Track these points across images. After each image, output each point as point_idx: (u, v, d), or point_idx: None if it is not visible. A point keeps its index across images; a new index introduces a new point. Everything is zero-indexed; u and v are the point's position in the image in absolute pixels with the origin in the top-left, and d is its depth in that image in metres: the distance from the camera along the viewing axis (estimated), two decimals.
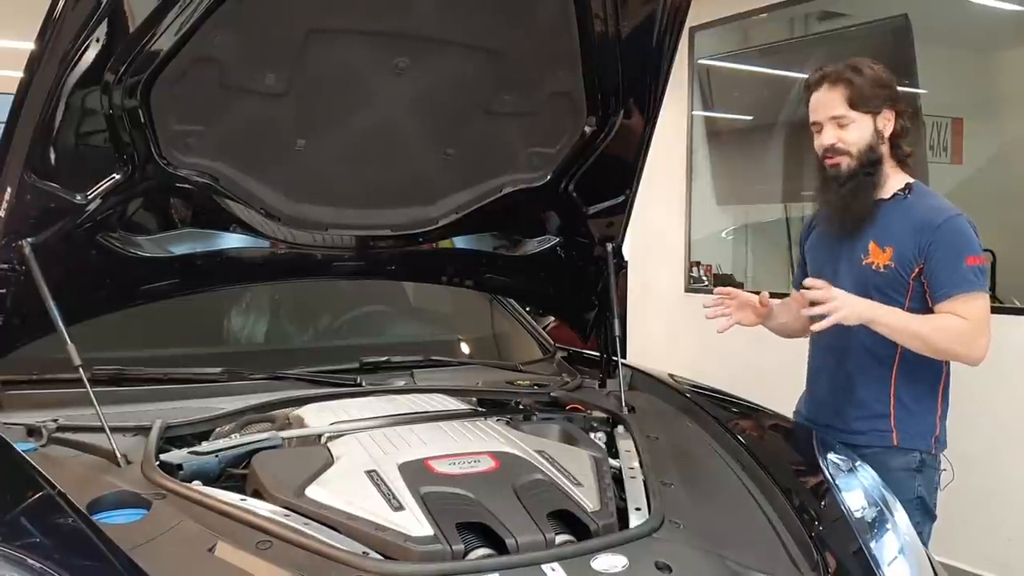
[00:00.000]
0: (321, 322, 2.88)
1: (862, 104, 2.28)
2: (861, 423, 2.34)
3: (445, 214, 2.33)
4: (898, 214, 2.30)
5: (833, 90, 2.29)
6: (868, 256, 2.30)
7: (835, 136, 2.30)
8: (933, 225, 2.23)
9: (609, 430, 2.15)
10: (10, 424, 1.87)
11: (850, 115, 2.28)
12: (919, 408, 2.33)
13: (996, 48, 4.97)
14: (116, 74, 1.77)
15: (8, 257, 1.87)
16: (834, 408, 2.39)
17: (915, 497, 2.28)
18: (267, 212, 2.15)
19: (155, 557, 1.42)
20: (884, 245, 2.28)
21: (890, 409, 2.32)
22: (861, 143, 2.29)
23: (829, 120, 2.30)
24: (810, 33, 5.22)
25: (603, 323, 2.56)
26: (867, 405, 2.34)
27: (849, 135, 2.29)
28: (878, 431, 2.32)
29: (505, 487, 1.66)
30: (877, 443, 2.31)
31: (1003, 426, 3.62)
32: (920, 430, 2.33)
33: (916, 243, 2.24)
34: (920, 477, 2.31)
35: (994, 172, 4.95)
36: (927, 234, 2.23)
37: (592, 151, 2.29)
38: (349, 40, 1.94)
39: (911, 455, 2.31)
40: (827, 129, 2.31)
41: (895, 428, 2.31)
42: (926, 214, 2.26)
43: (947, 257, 2.21)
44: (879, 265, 2.28)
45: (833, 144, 2.30)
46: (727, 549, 1.64)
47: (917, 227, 2.25)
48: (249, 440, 1.87)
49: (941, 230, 2.22)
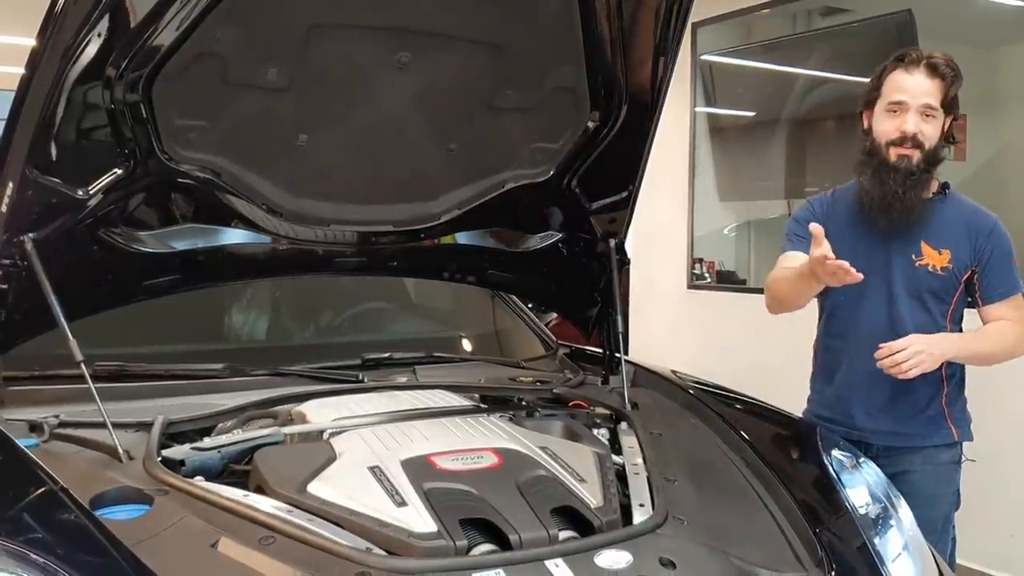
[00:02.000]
0: (323, 318, 2.87)
1: (949, 104, 2.26)
2: (920, 425, 2.34)
3: (447, 210, 2.33)
4: (945, 215, 2.30)
5: (933, 79, 2.24)
6: (922, 257, 2.28)
7: (918, 126, 2.24)
8: (986, 229, 2.27)
9: (612, 426, 2.14)
10: (12, 420, 1.87)
11: (938, 111, 2.25)
12: (962, 401, 2.39)
13: (1000, 44, 4.96)
14: (118, 69, 1.76)
15: (10, 253, 1.86)
16: (890, 413, 2.35)
17: (956, 488, 2.35)
18: (269, 208, 2.14)
19: (158, 553, 1.41)
20: (939, 247, 2.28)
21: (943, 407, 2.34)
22: (934, 140, 2.26)
23: (919, 107, 2.24)
24: (813, 29, 5.21)
25: (606, 319, 2.55)
26: (924, 406, 2.34)
27: (929, 129, 2.25)
28: (939, 430, 2.34)
29: (508, 483, 1.66)
30: (939, 441, 2.33)
31: (1007, 423, 3.61)
32: (967, 421, 2.38)
33: (972, 246, 2.27)
34: (959, 468, 2.37)
35: (998, 169, 4.94)
36: (982, 238, 2.26)
37: (595, 147, 2.28)
38: (351, 35, 1.94)
39: (956, 448, 2.36)
40: (912, 115, 2.24)
41: (952, 425, 2.35)
42: (974, 217, 2.30)
43: (1003, 259, 2.27)
44: (936, 267, 2.28)
45: (915, 134, 2.24)
46: (731, 545, 1.64)
47: (971, 230, 2.28)
48: (251, 436, 1.87)
49: (995, 234, 2.27)
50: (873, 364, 2.31)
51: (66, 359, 1.85)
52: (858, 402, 2.38)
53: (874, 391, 2.35)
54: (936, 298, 2.27)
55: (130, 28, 1.72)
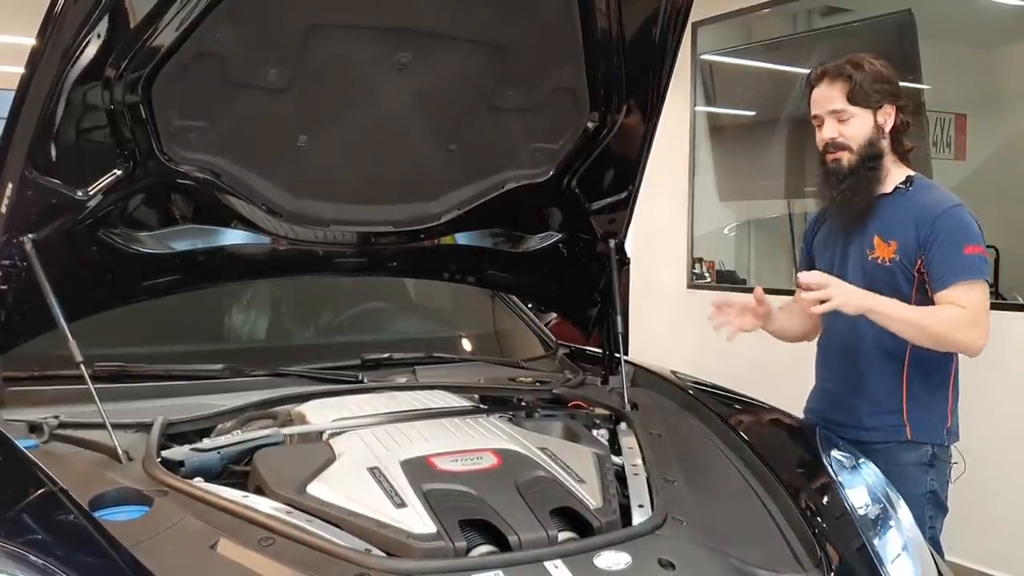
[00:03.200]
0: (323, 319, 2.87)
1: (862, 99, 2.29)
2: (874, 419, 2.34)
3: (447, 210, 2.33)
4: (899, 207, 2.31)
5: (833, 85, 2.32)
6: (874, 251, 2.31)
7: (835, 130, 2.32)
8: (933, 215, 2.25)
9: (612, 427, 2.14)
10: (12, 421, 1.87)
11: (849, 110, 2.30)
12: (931, 401, 2.34)
13: (1000, 44, 4.96)
14: (117, 70, 1.76)
15: (10, 253, 1.86)
16: (846, 405, 2.39)
17: (928, 491, 2.31)
18: (269, 208, 2.14)
19: (157, 554, 1.41)
20: (888, 239, 2.29)
21: (902, 404, 2.32)
22: (861, 138, 2.31)
23: (829, 114, 2.33)
24: (813, 28, 5.21)
25: (605, 320, 2.55)
26: (879, 401, 2.34)
27: (849, 129, 2.31)
28: (891, 426, 2.33)
29: (508, 484, 1.66)
30: (891, 438, 2.32)
31: (1006, 422, 3.61)
32: (933, 423, 2.34)
33: (917, 234, 2.25)
34: (932, 471, 2.32)
35: (997, 168, 4.94)
36: (927, 224, 2.24)
37: (595, 147, 2.28)
38: (351, 35, 1.94)
39: (923, 449, 2.32)
40: (827, 123, 2.34)
41: (908, 422, 2.32)
42: (926, 205, 2.28)
43: (946, 245, 2.22)
44: (884, 259, 2.29)
45: (833, 138, 2.32)
46: (730, 546, 1.64)
47: (918, 218, 2.26)
48: (251, 437, 1.87)
49: (940, 219, 2.24)
50: (833, 356, 2.43)
51: (66, 360, 1.85)
52: (826, 394, 2.48)
53: (834, 383, 2.44)
54: (891, 290, 2.26)
55: (130, 28, 1.72)
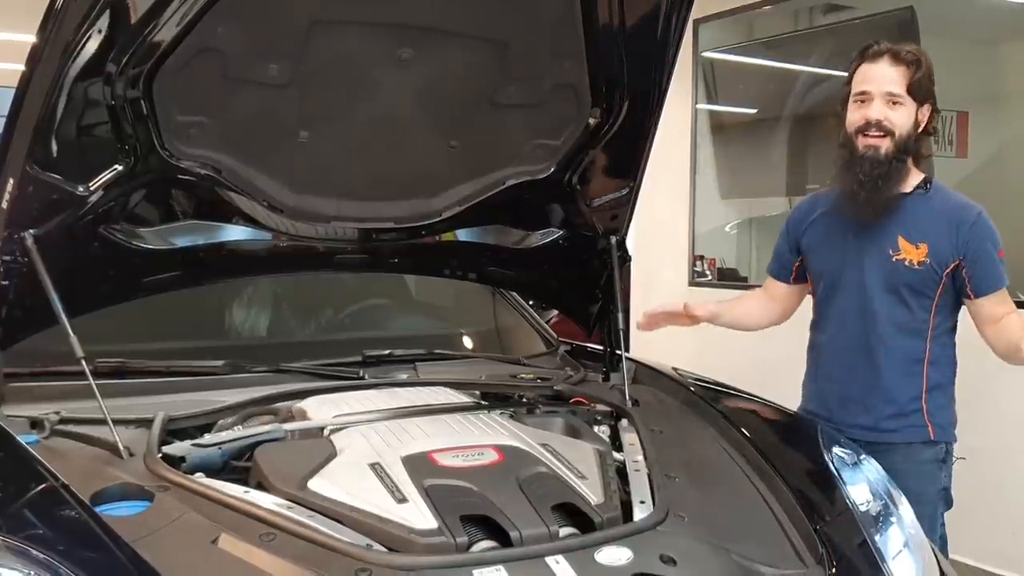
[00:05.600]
0: (324, 315, 2.87)
1: (917, 91, 2.25)
2: (894, 420, 2.33)
3: (448, 206, 2.32)
4: (925, 209, 2.29)
5: (896, 67, 2.25)
6: (899, 252, 2.28)
7: (883, 113, 2.25)
8: (968, 221, 2.25)
9: (613, 423, 2.14)
10: (13, 416, 1.87)
11: (905, 98, 2.25)
12: (945, 400, 2.36)
13: (1002, 41, 4.95)
14: (118, 65, 1.76)
15: (11, 249, 1.86)
16: (862, 406, 2.36)
17: (941, 488, 2.33)
18: (270, 204, 2.14)
19: (158, 549, 1.41)
20: (916, 241, 2.27)
21: (922, 404, 2.33)
22: (904, 129, 2.26)
23: (883, 95, 2.25)
24: (815, 26, 5.21)
25: (607, 316, 2.55)
26: (901, 402, 2.33)
27: (897, 117, 2.25)
28: (914, 426, 2.33)
29: (509, 480, 1.65)
30: (912, 438, 2.32)
31: (1008, 420, 3.61)
32: (948, 421, 2.36)
33: (953, 239, 2.25)
34: (944, 467, 2.34)
35: (999, 166, 4.94)
36: (964, 230, 2.24)
37: (596, 143, 2.28)
38: (352, 31, 1.93)
39: (939, 447, 2.34)
40: (877, 103, 2.26)
41: (929, 422, 2.33)
42: (956, 210, 2.28)
43: (988, 252, 2.25)
44: (912, 262, 2.27)
45: (880, 120, 2.25)
46: (732, 542, 1.64)
47: (952, 223, 2.26)
48: (252, 432, 1.87)
49: (978, 226, 2.25)
50: (848, 357, 2.37)
51: (67, 355, 1.85)
52: (834, 395, 2.42)
53: (848, 384, 2.38)
54: (915, 292, 2.27)
55: (130, 24, 1.72)
